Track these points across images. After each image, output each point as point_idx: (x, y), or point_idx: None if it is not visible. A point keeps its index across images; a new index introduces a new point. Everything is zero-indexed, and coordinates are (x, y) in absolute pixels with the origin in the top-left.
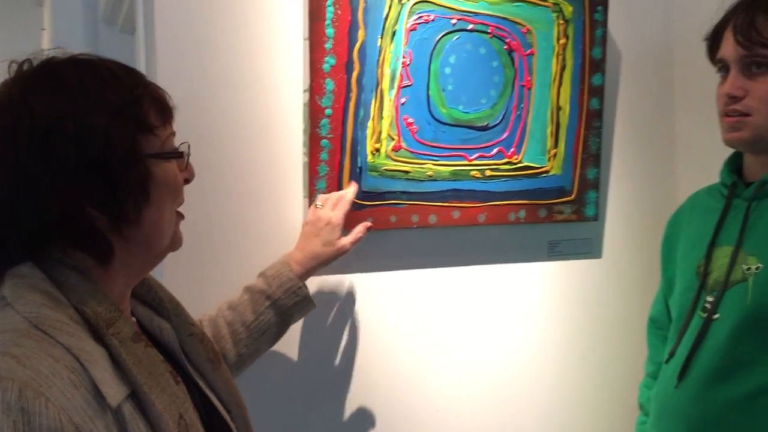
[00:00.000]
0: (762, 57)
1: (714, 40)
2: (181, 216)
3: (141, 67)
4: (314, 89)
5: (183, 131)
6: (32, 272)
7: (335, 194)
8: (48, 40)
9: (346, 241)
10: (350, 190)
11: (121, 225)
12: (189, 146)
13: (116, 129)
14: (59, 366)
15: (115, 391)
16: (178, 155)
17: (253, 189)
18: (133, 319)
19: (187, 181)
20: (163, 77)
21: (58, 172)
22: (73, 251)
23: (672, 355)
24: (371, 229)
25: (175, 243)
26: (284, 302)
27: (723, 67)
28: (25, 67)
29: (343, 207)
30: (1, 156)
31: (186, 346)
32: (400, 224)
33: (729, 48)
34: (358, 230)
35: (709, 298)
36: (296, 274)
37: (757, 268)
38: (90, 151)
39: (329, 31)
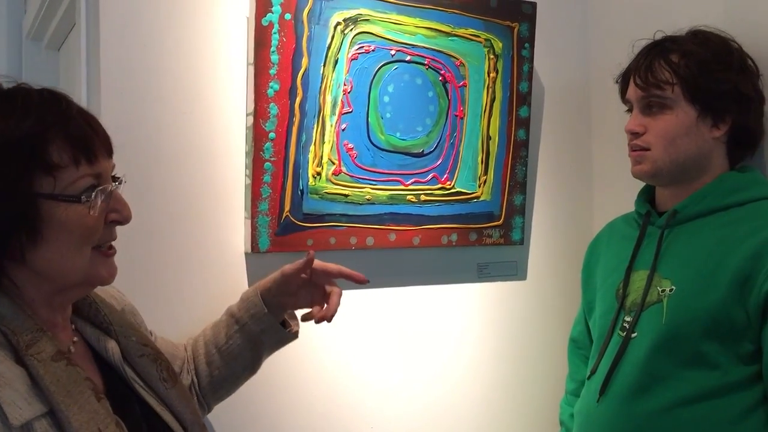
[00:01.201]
0: (657, 97)
1: (623, 83)
2: (107, 251)
3: (80, 88)
4: (258, 113)
5: (127, 153)
6: None
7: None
8: None
9: (289, 265)
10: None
11: (3, 261)
12: (110, 189)
13: (5, 164)
14: None
15: (23, 411)
16: (74, 199)
17: (196, 210)
18: (75, 338)
19: (117, 222)
20: (106, 99)
21: None
22: None
23: (594, 372)
24: (314, 250)
25: (92, 279)
26: (251, 328)
27: (630, 107)
28: None
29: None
30: None
31: (137, 366)
32: (339, 246)
33: (632, 90)
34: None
35: (628, 318)
36: (263, 300)
37: (671, 290)
38: None
39: (274, 57)
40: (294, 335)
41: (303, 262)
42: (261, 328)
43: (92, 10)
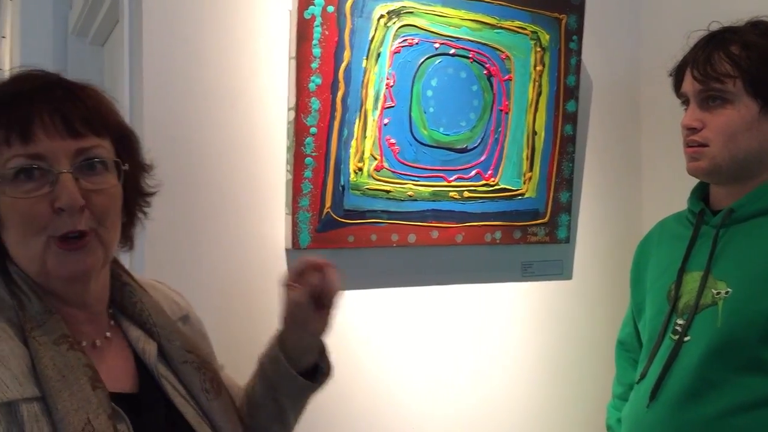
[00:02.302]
0: (716, 91)
1: (678, 76)
2: (63, 243)
3: (123, 83)
4: (300, 108)
5: (168, 148)
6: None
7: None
8: (10, 50)
9: (298, 292)
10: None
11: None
12: (54, 172)
13: None
14: None
15: (8, 390)
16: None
17: (237, 205)
18: (108, 333)
19: (60, 209)
20: (149, 94)
21: None
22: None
23: (643, 376)
24: (354, 247)
25: (45, 273)
26: (267, 372)
27: (685, 101)
28: None
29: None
30: None
31: (179, 373)
32: (380, 243)
33: (688, 83)
34: (311, 278)
35: (680, 321)
36: (278, 340)
37: (727, 293)
38: None
39: (316, 51)
40: (313, 385)
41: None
42: (277, 373)
43: (135, 6)
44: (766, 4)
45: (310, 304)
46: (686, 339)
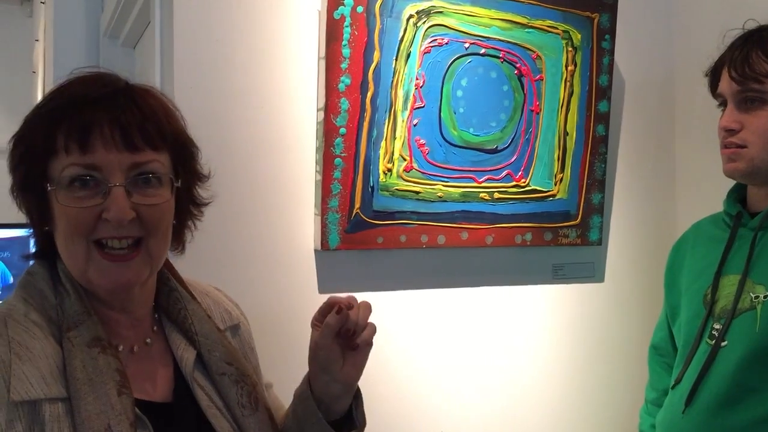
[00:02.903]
0: (755, 92)
1: (714, 76)
2: (107, 253)
3: (155, 84)
4: (329, 108)
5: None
6: (39, 270)
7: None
8: (44, 52)
9: (317, 333)
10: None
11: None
12: (108, 185)
13: (27, 155)
14: None
15: (32, 388)
16: (54, 187)
17: (266, 206)
18: (148, 339)
19: (107, 220)
20: (179, 95)
21: (18, 187)
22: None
23: (679, 381)
24: (383, 248)
25: (87, 281)
26: (297, 409)
27: (723, 102)
28: None
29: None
30: None
31: (217, 384)
32: (410, 244)
33: (725, 84)
34: (327, 318)
35: (717, 326)
36: (307, 378)
37: (765, 297)
38: (17, 173)
39: (345, 51)
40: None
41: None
42: (303, 410)
43: (166, 8)
44: None
45: (334, 347)
46: (723, 344)
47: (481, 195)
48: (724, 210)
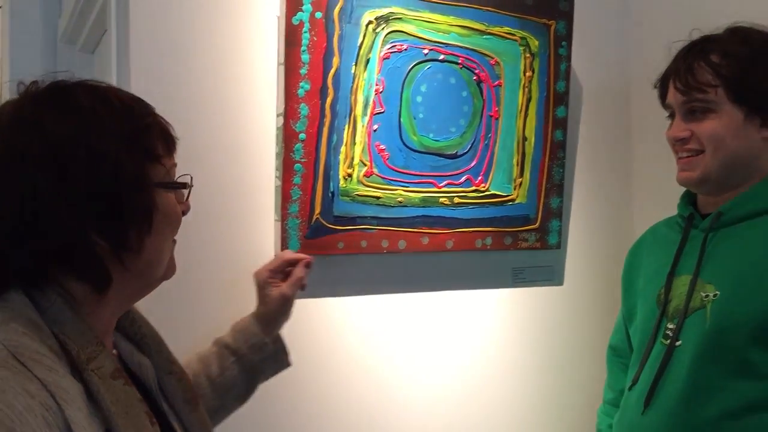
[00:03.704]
0: (699, 101)
1: (662, 88)
2: (174, 243)
3: None
4: (288, 114)
5: None
6: (18, 297)
7: (280, 258)
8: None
9: (285, 287)
10: (301, 266)
11: (122, 253)
12: (192, 179)
13: (127, 157)
14: (34, 403)
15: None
16: (182, 185)
17: (226, 212)
18: (115, 351)
19: (183, 213)
20: None
21: (67, 194)
22: (66, 279)
23: (635, 382)
24: (344, 254)
25: (170, 271)
26: (250, 358)
27: (671, 114)
28: (33, 88)
29: (272, 266)
30: (10, 175)
31: (164, 384)
32: (371, 249)
33: (672, 95)
34: (296, 273)
35: (670, 326)
36: (262, 329)
37: (715, 295)
38: (100, 177)
39: (305, 57)
40: (290, 363)
41: (302, 272)
42: (261, 358)
43: (122, 13)
44: (751, 9)
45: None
46: (677, 344)
47: (441, 200)
48: (677, 212)
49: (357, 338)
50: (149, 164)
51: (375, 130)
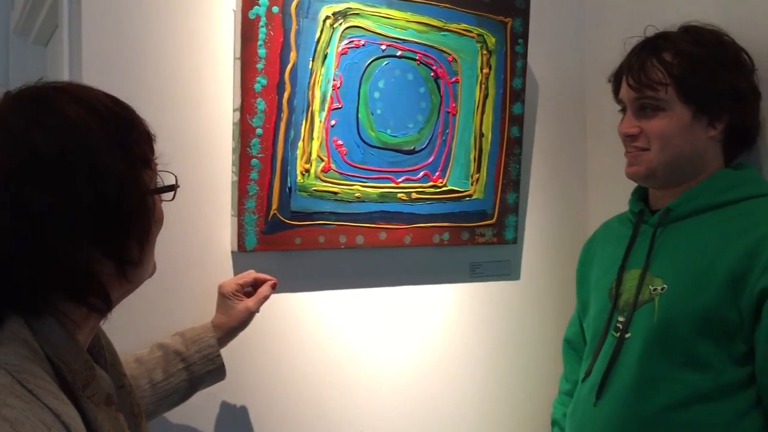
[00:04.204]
0: (650, 99)
1: (616, 83)
2: None
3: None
4: (245, 109)
5: None
6: (12, 317)
7: (249, 275)
8: None
9: (250, 302)
10: (268, 285)
11: (125, 267)
12: (176, 178)
13: (125, 168)
14: None
15: None
16: (174, 187)
17: (181, 208)
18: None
19: None
20: None
21: (65, 216)
22: (61, 300)
23: (588, 374)
24: (301, 249)
25: (153, 272)
26: (198, 368)
27: (623, 108)
28: (9, 98)
29: (241, 280)
30: (4, 194)
31: (115, 396)
32: (328, 245)
33: (624, 90)
34: (263, 291)
35: (621, 318)
36: (218, 340)
37: (662, 288)
38: (100, 193)
39: (261, 51)
40: (224, 376)
41: (267, 291)
42: (209, 369)
43: (75, 6)
44: (706, 7)
45: None
46: (627, 336)
47: (399, 195)
48: (629, 208)
49: (314, 334)
50: (143, 171)
51: (333, 126)
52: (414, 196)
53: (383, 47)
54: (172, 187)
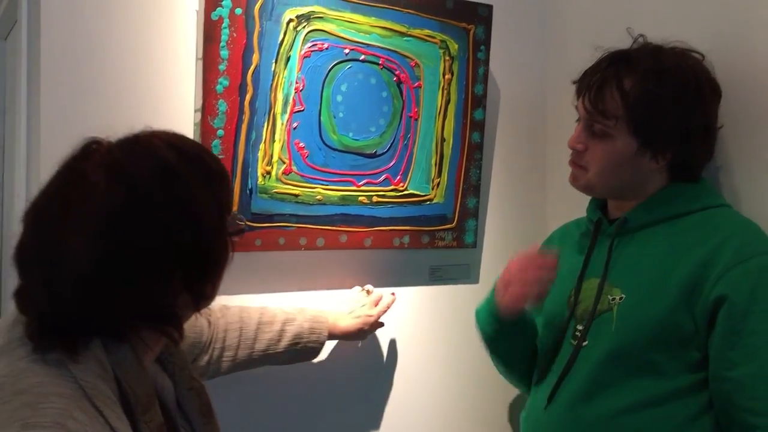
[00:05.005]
0: (601, 124)
1: (578, 90)
2: None
3: (22, 79)
4: (207, 110)
5: (66, 149)
6: (94, 339)
7: (380, 295)
8: None
9: (373, 312)
10: (390, 299)
11: (200, 303)
12: (245, 222)
13: (216, 215)
14: None
15: None
16: (244, 229)
17: None
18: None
19: None
20: (46, 95)
21: (165, 252)
22: (140, 327)
23: (542, 379)
24: (261, 251)
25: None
26: (304, 347)
27: (579, 119)
28: (104, 150)
29: (380, 309)
30: (110, 237)
31: (182, 398)
32: (288, 246)
33: (580, 104)
34: (386, 302)
35: (579, 327)
36: (327, 337)
37: (621, 298)
38: (197, 238)
39: (224, 52)
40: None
41: (391, 303)
42: (307, 353)
43: (34, 2)
44: (668, 22)
45: None
46: (585, 344)
47: (360, 198)
48: (587, 216)
49: None
50: (225, 215)
51: (295, 128)
52: (375, 199)
53: (346, 51)
54: (243, 230)
